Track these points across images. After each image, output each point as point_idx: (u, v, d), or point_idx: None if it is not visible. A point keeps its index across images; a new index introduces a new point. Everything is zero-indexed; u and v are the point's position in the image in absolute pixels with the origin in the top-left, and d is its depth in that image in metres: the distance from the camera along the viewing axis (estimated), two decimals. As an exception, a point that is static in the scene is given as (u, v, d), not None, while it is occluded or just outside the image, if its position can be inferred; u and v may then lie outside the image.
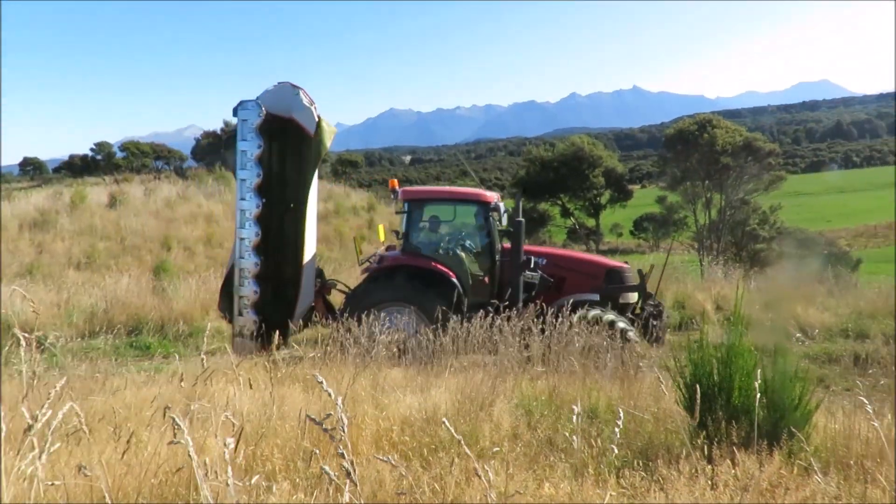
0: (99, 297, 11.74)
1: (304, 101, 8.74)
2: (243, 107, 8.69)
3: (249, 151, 8.63)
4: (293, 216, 8.91)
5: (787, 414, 3.54)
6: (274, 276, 8.85)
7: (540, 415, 4.47)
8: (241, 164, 8.72)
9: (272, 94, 8.89)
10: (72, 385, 5.02)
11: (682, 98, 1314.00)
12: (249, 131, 8.62)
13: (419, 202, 9.14)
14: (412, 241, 8.93)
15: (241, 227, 8.70)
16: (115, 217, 21.01)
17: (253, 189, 8.61)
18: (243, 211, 8.69)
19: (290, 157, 8.97)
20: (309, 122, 8.69)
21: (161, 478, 2.74)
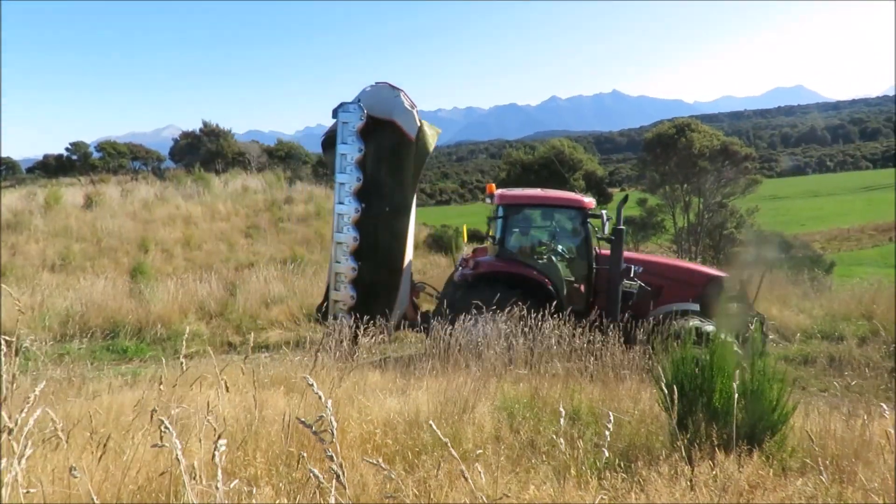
0: (74, 300, 11.54)
1: (406, 103, 8.54)
2: (344, 109, 8.50)
3: (350, 155, 8.46)
4: (390, 221, 8.72)
5: (765, 415, 3.60)
6: (371, 280, 8.64)
7: (522, 417, 4.49)
8: (340, 168, 8.55)
9: (370, 95, 8.67)
10: (48, 389, 4.94)
11: (660, 102, 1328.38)
12: (350, 134, 8.45)
13: (515, 206, 8.90)
14: (507, 247, 8.67)
15: (338, 231, 8.57)
16: (91, 218, 20.66)
17: (352, 193, 8.45)
18: (341, 215, 8.55)
19: (389, 160, 8.73)
20: (410, 125, 8.50)
21: (140, 483, 2.70)
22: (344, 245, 8.53)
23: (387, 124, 8.55)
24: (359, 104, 8.45)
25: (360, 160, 8.45)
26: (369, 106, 8.49)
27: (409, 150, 8.56)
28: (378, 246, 8.70)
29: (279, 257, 18.69)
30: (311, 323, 11.56)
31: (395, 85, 8.67)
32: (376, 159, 8.68)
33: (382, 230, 8.72)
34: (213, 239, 21.12)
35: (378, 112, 8.54)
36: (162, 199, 24.12)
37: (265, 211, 24.82)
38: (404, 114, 8.52)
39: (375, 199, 8.66)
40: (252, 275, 14.22)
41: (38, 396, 2.03)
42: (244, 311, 11.90)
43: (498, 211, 8.78)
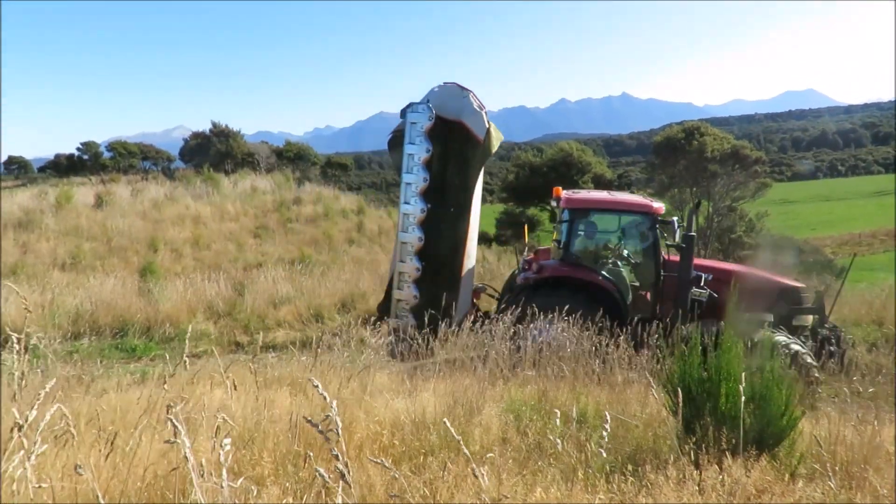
0: (84, 299, 11.62)
1: (474, 104, 8.50)
2: (413, 109, 8.48)
3: (417, 155, 8.43)
4: (454, 221, 8.69)
5: (773, 420, 3.57)
6: (434, 280, 8.59)
7: (529, 419, 4.48)
8: (407, 168, 8.52)
9: (439, 95, 8.63)
10: (56, 387, 4.97)
11: (670, 105, 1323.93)
12: (418, 134, 8.41)
13: (582, 210, 8.70)
14: (572, 251, 8.51)
15: (403, 230, 8.56)
16: (102, 218, 20.81)
17: (418, 193, 8.44)
18: (407, 215, 8.53)
19: (455, 161, 8.67)
20: (479, 127, 8.44)
21: (148, 480, 2.71)
22: (409, 245, 8.51)
23: (455, 125, 8.51)
24: (427, 104, 8.41)
25: (428, 160, 8.42)
26: (437, 106, 8.45)
27: (475, 152, 8.53)
28: (442, 246, 8.68)
29: (287, 258, 18.76)
30: (319, 323, 11.60)
31: (464, 86, 8.62)
32: (443, 160, 8.64)
33: (446, 231, 8.69)
34: (222, 239, 21.23)
35: (446, 112, 8.50)
36: (172, 199, 24.27)
37: (274, 211, 24.92)
38: (473, 115, 8.48)
39: (440, 200, 8.62)
40: (260, 275, 14.28)
41: (48, 393, 2.04)
42: (252, 311, 11.95)
43: (563, 214, 8.65)
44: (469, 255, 8.84)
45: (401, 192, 8.70)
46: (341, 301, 12.65)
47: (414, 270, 8.49)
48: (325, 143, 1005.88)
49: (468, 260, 8.82)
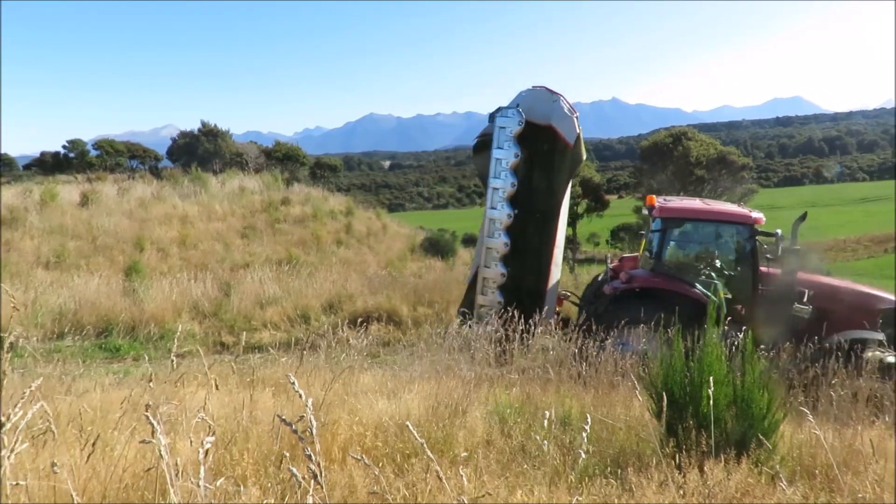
0: (68, 298, 11.50)
1: (565, 108, 8.33)
2: (503, 114, 8.34)
3: (505, 160, 8.31)
4: (540, 227, 8.54)
5: (755, 423, 3.60)
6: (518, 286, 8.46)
7: (514, 422, 4.49)
8: (494, 173, 8.38)
9: (528, 99, 8.47)
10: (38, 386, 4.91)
11: (659, 110, 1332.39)
12: (507, 139, 8.29)
13: (677, 220, 8.36)
14: (664, 261, 8.21)
15: (489, 235, 8.42)
16: (87, 216, 20.61)
17: (505, 198, 8.30)
18: (493, 220, 8.41)
19: (542, 166, 8.52)
20: (569, 131, 8.28)
21: (127, 481, 2.69)
22: (494, 250, 8.39)
23: (544, 129, 8.36)
24: (517, 109, 8.28)
25: (516, 165, 8.29)
26: (526, 110, 8.31)
27: (564, 156, 8.38)
28: (527, 252, 8.54)
29: (275, 258, 18.69)
30: (305, 324, 11.55)
31: (553, 89, 8.47)
32: (530, 164, 8.50)
33: (532, 236, 8.54)
34: (209, 239, 21.09)
35: (535, 117, 8.36)
36: (159, 199, 24.09)
37: (262, 212, 24.81)
38: (563, 119, 8.33)
39: (527, 205, 8.48)
40: (247, 275, 14.20)
41: (33, 392, 2.02)
42: (238, 311, 11.88)
43: (655, 223, 8.39)
44: (555, 263, 8.71)
45: (487, 196, 8.54)
46: (328, 302, 12.60)
47: (499, 276, 8.38)
48: (314, 143, 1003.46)
49: (554, 267, 8.67)
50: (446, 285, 13.73)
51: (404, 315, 11.94)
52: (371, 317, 11.79)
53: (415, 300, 12.62)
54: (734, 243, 8.40)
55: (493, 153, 8.41)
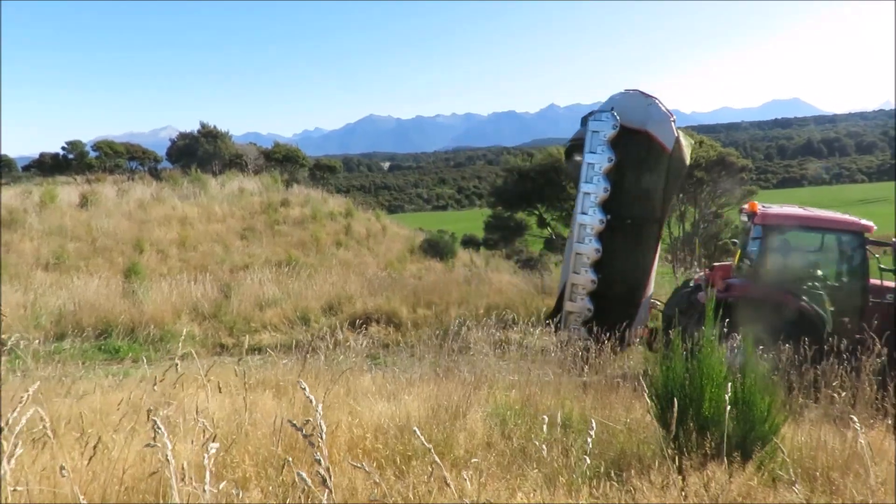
0: (67, 299, 11.48)
1: (661, 112, 8.15)
2: (596, 118, 8.16)
3: (598, 164, 8.13)
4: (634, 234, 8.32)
5: (756, 426, 3.60)
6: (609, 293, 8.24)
7: (514, 424, 4.48)
8: (586, 177, 8.18)
9: (622, 103, 8.28)
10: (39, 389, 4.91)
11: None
12: (600, 143, 8.10)
13: (779, 227, 7.98)
14: (764, 271, 7.85)
15: (579, 241, 8.24)
16: (87, 217, 20.59)
17: (597, 204, 8.11)
18: (584, 225, 8.22)
19: (637, 171, 8.29)
20: (666, 135, 8.09)
21: (128, 483, 2.68)
22: (584, 256, 8.21)
23: (638, 134, 8.17)
24: (612, 113, 8.10)
25: (609, 170, 8.09)
26: (620, 114, 8.12)
27: (661, 161, 8.15)
28: (619, 259, 8.32)
29: (274, 260, 18.67)
30: (305, 326, 11.54)
31: (648, 92, 8.33)
32: (622, 169, 8.28)
33: (625, 243, 8.32)
34: (209, 240, 21.08)
35: (629, 121, 8.17)
36: (158, 200, 24.07)
37: (261, 213, 24.79)
38: (659, 123, 8.13)
39: (619, 211, 8.27)
40: (247, 277, 14.19)
41: (31, 395, 2.02)
42: (238, 313, 11.87)
43: (755, 230, 8.05)
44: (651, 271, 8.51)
45: (577, 201, 8.34)
46: (328, 304, 12.59)
47: (589, 282, 8.18)
48: (313, 145, 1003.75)
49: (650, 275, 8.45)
50: (446, 287, 13.73)
51: (404, 317, 11.93)
52: (371, 318, 11.79)
53: (414, 302, 12.61)
54: (842, 252, 8.01)
55: (586, 157, 8.21)
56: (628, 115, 8.19)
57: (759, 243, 7.97)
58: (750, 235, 8.28)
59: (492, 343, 8.20)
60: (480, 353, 7.37)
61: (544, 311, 8.95)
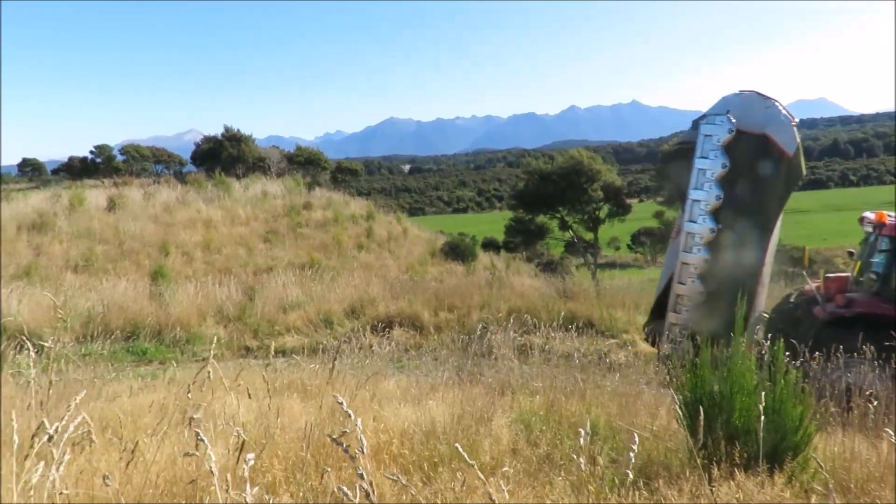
0: (96, 301, 11.70)
1: (783, 115, 7.73)
2: (710, 121, 7.81)
3: (710, 171, 7.75)
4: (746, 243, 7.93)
5: (787, 435, 3.55)
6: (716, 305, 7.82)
7: (539, 430, 4.47)
8: (696, 184, 7.83)
9: (738, 105, 7.88)
10: (69, 391, 5.01)
11: (681, 113, 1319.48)
12: (713, 148, 7.72)
13: None
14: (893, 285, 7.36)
15: (686, 250, 7.89)
16: (114, 220, 20.97)
17: (708, 212, 7.74)
18: (692, 234, 7.85)
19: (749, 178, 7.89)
20: (788, 140, 7.65)
21: (162, 487, 2.73)
22: (692, 266, 7.85)
23: (757, 138, 7.75)
24: (727, 116, 7.71)
25: (722, 176, 7.68)
26: (736, 117, 7.73)
27: (779, 168, 7.76)
28: (729, 270, 7.90)
29: (297, 262, 18.83)
30: (328, 329, 11.62)
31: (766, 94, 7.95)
32: (734, 175, 7.85)
33: (736, 253, 7.92)
34: (233, 243, 21.33)
35: (747, 124, 7.74)
36: (183, 203, 24.42)
37: (284, 216, 25.02)
38: (781, 127, 7.70)
39: (731, 220, 7.87)
40: (270, 280, 14.34)
41: (66, 398, 2.06)
42: (262, 315, 11.99)
43: (883, 242, 7.67)
44: (762, 284, 8.13)
45: (685, 208, 7.97)
46: (350, 307, 12.67)
47: (696, 293, 7.82)
48: (335, 147, 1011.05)
49: (761, 289, 8.09)
50: (467, 290, 13.74)
51: (426, 320, 11.96)
52: (393, 321, 11.84)
53: (436, 305, 12.63)
54: None
55: (696, 163, 7.82)
56: (746, 118, 7.75)
57: (887, 256, 7.58)
58: (875, 247, 7.86)
59: (514, 347, 8.18)
60: (503, 357, 7.36)
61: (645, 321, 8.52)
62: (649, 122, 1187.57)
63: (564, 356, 7.95)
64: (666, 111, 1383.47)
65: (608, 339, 11.40)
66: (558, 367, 7.10)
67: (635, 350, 10.47)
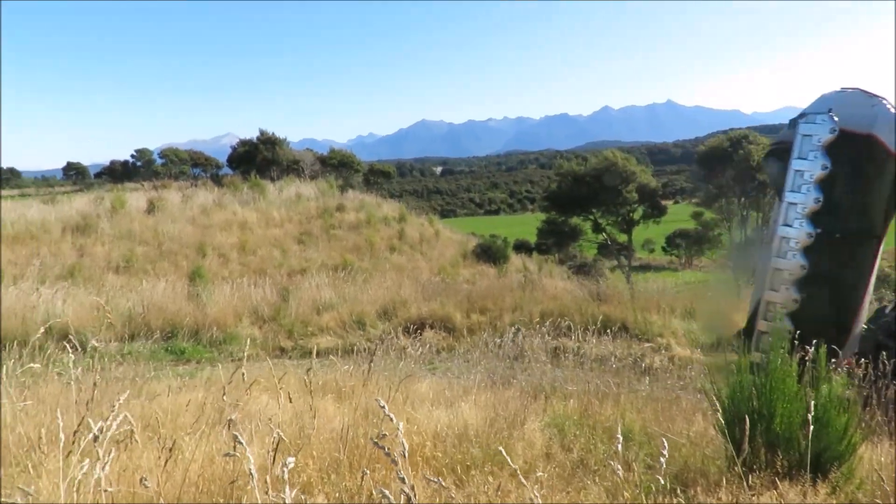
0: (136, 301, 12.00)
1: (891, 113, 7.42)
2: (809, 119, 7.55)
3: (809, 172, 7.45)
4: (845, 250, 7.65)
5: (832, 444, 3.44)
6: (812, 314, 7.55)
7: (573, 435, 4.42)
8: (793, 186, 7.54)
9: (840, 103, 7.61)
10: (112, 390, 5.14)
11: (717, 113, 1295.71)
12: (813, 149, 7.45)
13: None
14: None
15: (780, 256, 7.61)
16: (153, 223, 21.49)
17: (805, 215, 7.45)
18: (786, 238, 7.55)
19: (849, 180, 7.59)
20: None
21: (200, 486, 2.78)
22: (786, 272, 7.56)
23: (860, 138, 7.43)
24: (829, 115, 7.42)
25: (822, 179, 7.39)
26: (839, 115, 7.42)
27: (885, 169, 7.47)
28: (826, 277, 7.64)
29: (330, 264, 19.03)
30: (360, 330, 11.71)
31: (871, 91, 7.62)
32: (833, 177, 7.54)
33: (834, 260, 7.63)
34: (268, 245, 21.66)
35: (850, 123, 7.43)
36: (219, 205, 24.89)
37: (317, 218, 25.31)
38: (889, 127, 7.38)
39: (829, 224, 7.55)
40: (304, 281, 14.51)
41: (107, 396, 2.12)
42: (296, 316, 12.14)
43: None
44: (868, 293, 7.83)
45: (780, 211, 7.69)
46: (383, 308, 12.74)
47: (790, 301, 7.52)
48: (367, 150, 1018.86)
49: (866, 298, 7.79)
50: (499, 292, 13.69)
51: (458, 322, 11.95)
52: (425, 323, 11.86)
53: (468, 307, 12.62)
54: None
55: (793, 164, 7.52)
56: (849, 117, 7.40)
57: None
58: None
59: (547, 350, 8.13)
60: (536, 360, 7.32)
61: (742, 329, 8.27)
62: (685, 122, 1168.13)
63: (598, 360, 7.87)
64: (702, 111, 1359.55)
65: (643, 342, 11.23)
66: (592, 370, 7.03)
67: (671, 354, 10.30)
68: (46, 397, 4.83)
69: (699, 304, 12.67)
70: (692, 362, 9.16)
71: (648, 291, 14.99)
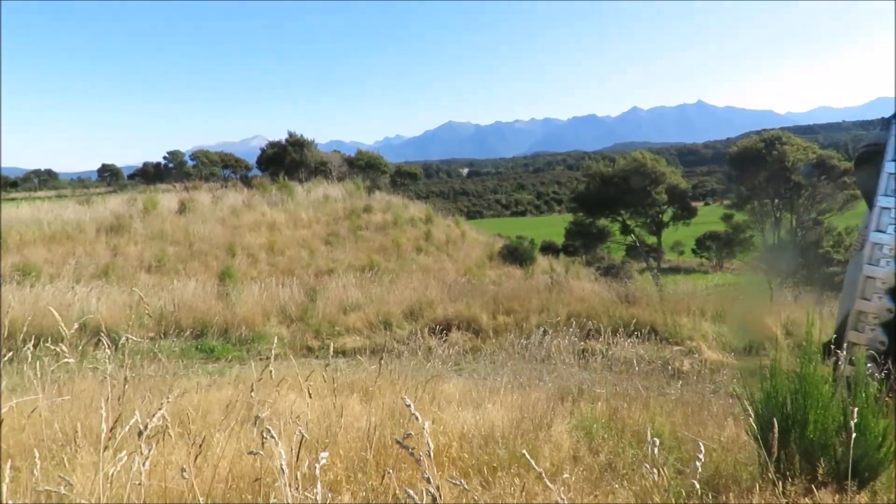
0: (167, 300, 12.22)
1: None
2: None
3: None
4: None
5: (870, 452, 3.34)
6: None
7: (601, 438, 4.37)
8: (885, 190, 7.28)
9: None
10: (144, 386, 5.24)
11: (749, 113, 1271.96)
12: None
13: None
14: None
15: (872, 263, 7.31)
16: (185, 223, 21.87)
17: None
18: (879, 245, 7.25)
19: None
20: None
21: (230, 482, 2.81)
22: (879, 280, 7.25)
23: None
24: None
25: None
26: None
27: None
28: None
29: (357, 265, 19.14)
30: (387, 331, 11.75)
31: None
32: None
33: None
34: (295, 245, 21.88)
35: None
36: (249, 206, 25.22)
37: (345, 219, 25.50)
38: None
39: None
40: (331, 281, 14.62)
41: (139, 393, 2.15)
42: (323, 316, 12.24)
43: None
44: None
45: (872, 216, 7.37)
46: (409, 309, 12.77)
47: (884, 311, 7.16)
48: (394, 151, 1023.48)
49: None
50: (526, 294, 13.62)
51: (484, 323, 11.92)
52: (451, 324, 11.86)
53: (494, 308, 12.58)
54: None
55: (887, 167, 7.22)
56: None
57: None
58: None
59: (574, 352, 8.06)
60: (563, 362, 7.26)
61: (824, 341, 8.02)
62: (716, 123, 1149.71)
63: (626, 362, 7.78)
64: (733, 111, 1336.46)
65: (672, 346, 11.06)
66: (620, 373, 6.95)
67: (701, 358, 10.13)
68: (80, 393, 4.95)
69: (730, 306, 12.47)
70: (723, 366, 8.99)
71: (678, 294, 14.76)
